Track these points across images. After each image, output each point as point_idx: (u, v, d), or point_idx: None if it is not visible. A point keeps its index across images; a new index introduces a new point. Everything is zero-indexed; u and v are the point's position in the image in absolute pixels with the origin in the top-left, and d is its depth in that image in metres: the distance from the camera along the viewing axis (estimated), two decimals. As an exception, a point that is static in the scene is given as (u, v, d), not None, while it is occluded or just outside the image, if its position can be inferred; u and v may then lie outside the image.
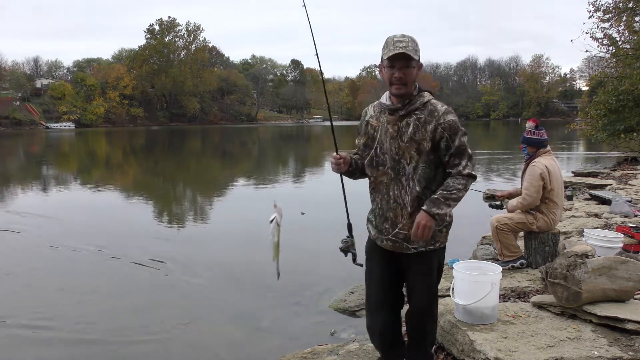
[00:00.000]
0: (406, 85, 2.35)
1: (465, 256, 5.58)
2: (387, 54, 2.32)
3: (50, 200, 12.33)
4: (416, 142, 2.36)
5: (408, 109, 2.39)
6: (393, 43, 2.31)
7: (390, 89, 2.40)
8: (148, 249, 7.03)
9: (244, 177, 17.40)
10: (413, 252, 2.48)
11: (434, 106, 2.39)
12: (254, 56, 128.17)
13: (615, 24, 15.27)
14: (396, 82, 2.34)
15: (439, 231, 2.47)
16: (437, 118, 2.35)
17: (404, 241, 2.46)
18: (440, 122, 2.35)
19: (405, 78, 2.33)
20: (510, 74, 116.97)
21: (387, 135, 2.44)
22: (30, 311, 4.92)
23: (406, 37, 2.34)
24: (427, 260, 2.52)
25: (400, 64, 2.31)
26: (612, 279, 3.27)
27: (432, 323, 2.67)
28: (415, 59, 2.33)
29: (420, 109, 2.39)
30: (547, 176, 4.50)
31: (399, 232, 2.46)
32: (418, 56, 2.35)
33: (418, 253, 2.48)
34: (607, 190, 8.96)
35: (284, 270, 2.48)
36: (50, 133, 61.16)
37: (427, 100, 2.40)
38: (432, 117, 2.36)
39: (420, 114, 2.38)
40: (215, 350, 4.11)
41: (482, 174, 16.09)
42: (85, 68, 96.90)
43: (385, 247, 2.54)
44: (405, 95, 2.39)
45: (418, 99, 2.40)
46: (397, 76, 2.33)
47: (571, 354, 2.81)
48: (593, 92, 23.96)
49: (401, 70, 2.32)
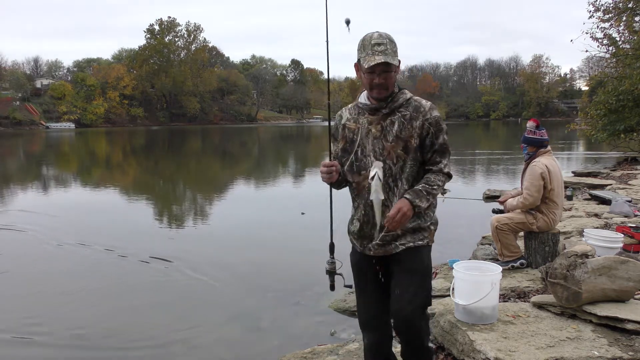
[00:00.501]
0: (388, 89, 2.29)
1: (465, 256, 5.59)
2: (367, 62, 2.22)
3: (51, 200, 12.34)
4: (403, 140, 2.28)
5: (391, 107, 2.32)
6: (371, 47, 2.22)
7: (371, 93, 2.32)
8: (147, 250, 7.02)
9: (243, 178, 17.40)
10: (402, 250, 2.36)
11: (418, 102, 2.34)
12: (254, 56, 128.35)
13: (615, 24, 15.28)
14: (377, 87, 2.27)
15: (427, 227, 2.40)
16: (424, 114, 2.30)
17: (393, 240, 2.35)
18: (427, 118, 2.29)
19: (387, 82, 2.27)
20: (510, 74, 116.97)
21: (368, 136, 2.35)
22: (26, 313, 4.93)
23: (383, 37, 2.23)
24: (417, 256, 2.38)
25: (380, 70, 2.23)
26: (612, 279, 3.27)
27: (425, 321, 2.48)
28: (395, 64, 2.25)
29: (405, 105, 2.32)
30: (547, 176, 4.50)
31: (386, 235, 2.34)
32: (397, 58, 2.26)
33: (406, 249, 2.36)
34: (607, 190, 8.96)
35: (284, 270, 2.48)
36: (50, 133, 61.16)
37: (409, 96, 2.35)
38: (417, 112, 2.30)
39: (405, 111, 2.31)
40: (215, 350, 4.11)
41: (482, 174, 16.10)
42: (85, 68, 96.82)
43: (374, 254, 2.40)
44: (386, 98, 2.32)
45: (400, 96, 2.33)
46: (378, 82, 2.26)
47: (571, 354, 2.81)
48: (593, 92, 23.96)
49: (381, 76, 2.25)
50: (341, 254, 2.55)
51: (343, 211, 2.58)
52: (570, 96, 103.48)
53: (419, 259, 2.38)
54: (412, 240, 2.36)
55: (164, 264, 6.40)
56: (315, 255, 6.61)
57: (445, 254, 5.54)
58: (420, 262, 2.38)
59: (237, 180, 16.79)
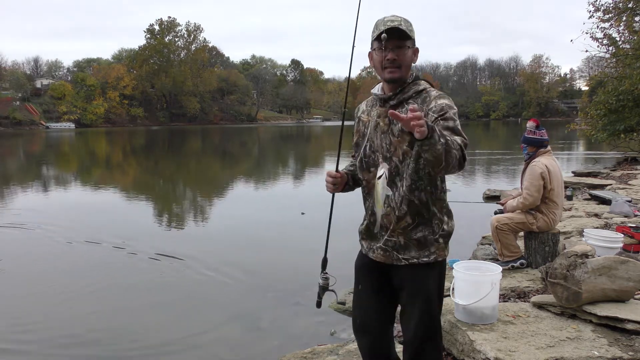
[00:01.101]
0: (400, 68, 2.05)
1: (465, 256, 5.58)
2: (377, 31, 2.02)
3: (51, 200, 12.34)
4: (408, 134, 2.00)
5: (400, 98, 2.09)
6: (383, 23, 2.02)
7: (383, 73, 2.08)
8: (147, 250, 7.03)
9: (243, 178, 17.40)
10: (404, 265, 2.14)
11: (428, 93, 2.08)
12: (254, 56, 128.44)
13: (615, 24, 15.28)
14: (389, 64, 2.04)
15: (436, 240, 2.13)
16: (428, 103, 2.04)
17: (394, 250, 2.15)
18: (431, 107, 2.02)
19: (399, 59, 2.03)
20: (510, 74, 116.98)
21: (377, 130, 2.15)
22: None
23: (398, 17, 2.05)
24: (421, 277, 2.14)
25: (392, 44, 2.01)
26: (612, 279, 3.27)
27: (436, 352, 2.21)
28: (410, 37, 2.04)
29: (414, 97, 2.08)
30: (547, 176, 4.50)
31: (388, 240, 2.16)
32: (413, 37, 2.06)
33: (410, 266, 2.13)
34: (607, 190, 8.96)
35: (284, 270, 2.47)
36: (50, 133, 61.16)
37: (422, 88, 2.11)
38: (424, 104, 2.05)
39: (413, 103, 2.05)
40: (215, 350, 4.11)
41: (482, 174, 16.10)
42: (85, 68, 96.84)
43: (376, 258, 2.21)
44: (399, 80, 2.08)
45: (412, 87, 2.10)
46: (390, 57, 2.03)
47: (571, 354, 2.81)
48: (593, 92, 23.97)
49: (394, 51, 2.02)
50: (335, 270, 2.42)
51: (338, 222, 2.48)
52: (570, 96, 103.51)
53: (422, 281, 2.14)
54: (416, 256, 2.13)
55: (163, 264, 6.40)
56: (315, 255, 6.60)
57: (445, 254, 5.55)
58: (423, 284, 2.14)
59: (237, 180, 16.78)
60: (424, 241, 2.13)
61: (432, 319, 2.16)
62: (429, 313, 2.15)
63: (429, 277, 2.15)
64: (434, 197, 2.13)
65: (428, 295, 2.14)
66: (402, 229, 2.12)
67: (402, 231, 2.13)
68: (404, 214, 2.11)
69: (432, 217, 2.13)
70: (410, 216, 2.11)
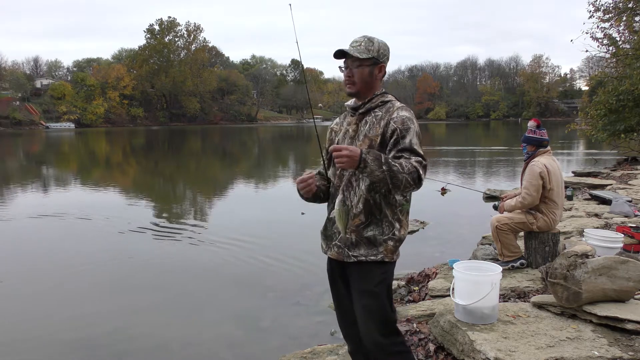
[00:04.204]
0: (355, 84, 2.30)
1: (465, 256, 5.59)
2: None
3: (51, 199, 12.34)
4: (369, 138, 2.25)
5: (367, 107, 2.32)
6: (350, 44, 2.30)
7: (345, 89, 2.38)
8: (147, 249, 7.03)
9: (243, 178, 17.40)
10: (353, 262, 2.27)
11: (392, 104, 2.30)
12: (254, 56, 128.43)
13: (615, 24, 15.27)
14: (346, 81, 2.33)
15: (384, 242, 2.25)
16: (391, 113, 2.25)
17: (346, 247, 2.29)
18: (393, 117, 2.22)
19: (354, 77, 2.29)
20: (510, 74, 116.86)
21: (345, 136, 2.37)
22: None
23: (362, 37, 2.30)
24: (367, 274, 2.26)
25: (349, 63, 2.30)
26: (612, 279, 3.27)
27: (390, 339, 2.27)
28: (359, 57, 2.25)
29: (380, 106, 2.31)
30: (546, 175, 4.50)
31: (342, 237, 2.30)
32: (371, 55, 2.27)
33: (358, 263, 2.26)
34: (607, 190, 8.96)
35: (284, 270, 2.48)
36: (50, 133, 61.17)
37: (388, 99, 2.33)
38: (387, 113, 2.26)
39: (378, 112, 2.29)
40: (215, 350, 4.11)
41: (482, 174, 16.10)
42: (85, 68, 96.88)
43: (332, 255, 2.36)
44: (355, 94, 2.34)
45: (380, 98, 2.33)
46: (345, 74, 2.32)
47: (571, 354, 2.81)
48: (593, 92, 23.92)
49: (348, 70, 2.30)
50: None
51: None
52: (570, 96, 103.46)
53: (369, 277, 2.26)
54: (365, 254, 2.25)
55: (163, 264, 6.40)
56: (315, 255, 6.63)
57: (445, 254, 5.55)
58: (370, 281, 2.25)
59: (237, 180, 16.79)
60: (373, 240, 2.25)
61: (378, 313, 2.25)
62: (377, 307, 2.25)
63: (374, 273, 2.26)
64: (387, 201, 2.25)
65: (372, 292, 2.25)
66: (356, 226, 2.26)
67: (355, 229, 2.26)
68: (359, 212, 2.25)
69: (383, 219, 2.26)
70: (364, 215, 2.25)
